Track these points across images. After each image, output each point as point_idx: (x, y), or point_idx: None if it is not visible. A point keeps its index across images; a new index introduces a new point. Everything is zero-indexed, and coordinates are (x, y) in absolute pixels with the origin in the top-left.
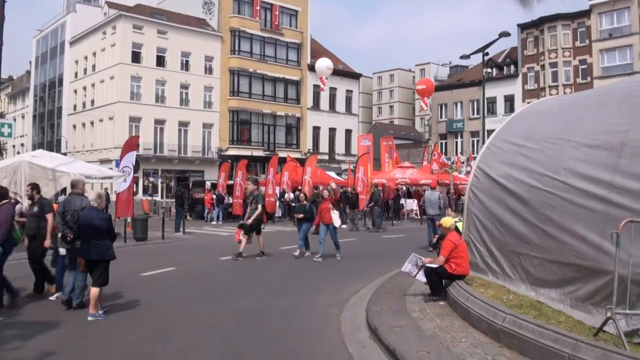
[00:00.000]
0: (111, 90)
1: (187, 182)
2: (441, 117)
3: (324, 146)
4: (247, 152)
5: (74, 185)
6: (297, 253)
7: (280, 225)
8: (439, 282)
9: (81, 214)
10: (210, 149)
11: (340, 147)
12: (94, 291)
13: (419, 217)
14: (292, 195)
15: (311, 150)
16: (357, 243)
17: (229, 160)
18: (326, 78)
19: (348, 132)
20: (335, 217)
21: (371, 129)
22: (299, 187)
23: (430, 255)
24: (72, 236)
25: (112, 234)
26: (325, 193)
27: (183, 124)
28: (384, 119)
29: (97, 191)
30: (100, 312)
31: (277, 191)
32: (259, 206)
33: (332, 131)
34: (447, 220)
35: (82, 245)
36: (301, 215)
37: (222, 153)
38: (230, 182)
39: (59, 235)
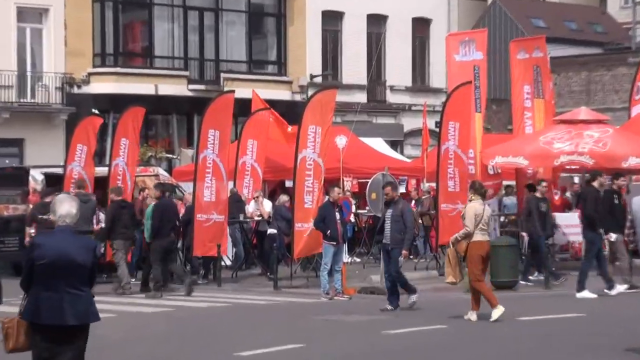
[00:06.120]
0: None
1: None
2: None
3: (352, 67)
4: (146, 87)
5: None
6: None
7: (248, 289)
8: None
9: (43, 243)
10: (41, 82)
11: (397, 72)
12: None
13: (626, 256)
14: (265, 204)
15: (316, 80)
16: (450, 342)
17: (96, 111)
18: None
19: (419, 26)
20: None
21: (484, 17)
22: (285, 183)
23: None
24: None
25: (94, 275)
26: None
27: None
28: None
29: (65, 195)
30: None
31: (227, 190)
32: None
33: (375, 24)
34: None
35: (45, 300)
36: None
37: (76, 91)
38: (102, 169)
39: None
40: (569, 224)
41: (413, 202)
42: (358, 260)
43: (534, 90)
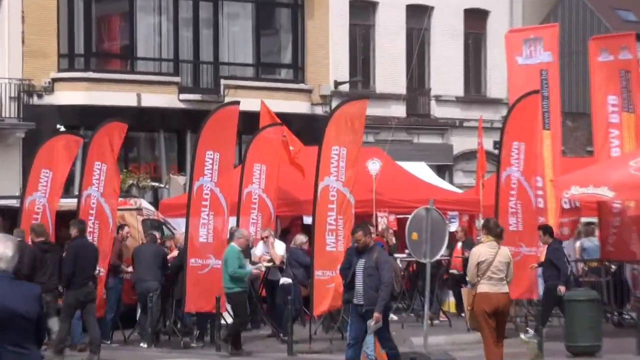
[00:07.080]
0: None
1: None
2: None
3: (387, 72)
4: (125, 97)
5: None
6: None
7: (255, 354)
8: None
9: None
10: None
11: (445, 78)
12: None
13: None
14: (276, 246)
15: (342, 88)
16: None
17: (61, 127)
18: None
19: (474, 20)
20: None
21: (556, 8)
22: (303, 219)
23: None
24: None
25: (41, 329)
26: None
27: None
28: None
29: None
30: None
31: (228, 227)
32: None
33: (416, 17)
34: None
35: None
36: None
37: (36, 102)
38: (68, 201)
39: None
40: None
41: (460, 244)
42: (395, 318)
43: (621, 102)
